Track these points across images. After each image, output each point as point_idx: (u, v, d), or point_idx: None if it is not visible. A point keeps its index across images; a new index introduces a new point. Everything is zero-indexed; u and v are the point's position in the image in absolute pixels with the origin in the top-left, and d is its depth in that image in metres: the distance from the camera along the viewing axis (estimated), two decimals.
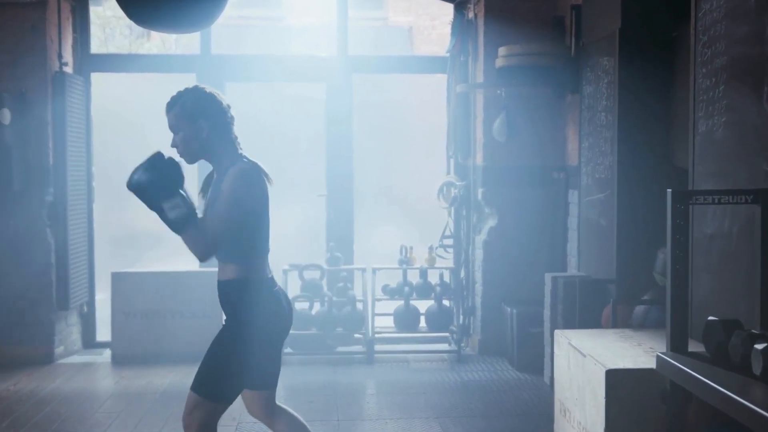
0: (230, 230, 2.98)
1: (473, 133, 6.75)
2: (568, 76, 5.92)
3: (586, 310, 5.04)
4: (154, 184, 2.89)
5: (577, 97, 5.93)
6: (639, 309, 4.56)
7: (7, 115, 5.98)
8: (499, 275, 6.53)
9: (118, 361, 6.35)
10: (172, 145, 3.10)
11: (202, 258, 3.02)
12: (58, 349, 6.41)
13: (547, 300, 5.58)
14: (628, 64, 5.02)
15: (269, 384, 3.24)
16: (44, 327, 6.31)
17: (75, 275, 6.51)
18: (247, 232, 3.05)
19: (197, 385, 3.09)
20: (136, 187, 2.91)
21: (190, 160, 3.12)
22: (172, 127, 3.10)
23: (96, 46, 8.49)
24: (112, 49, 9.40)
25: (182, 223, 2.92)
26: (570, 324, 5.15)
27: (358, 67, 7.04)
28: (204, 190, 3.23)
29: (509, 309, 6.22)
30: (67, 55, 6.54)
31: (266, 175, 3.14)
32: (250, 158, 3.16)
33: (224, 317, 3.18)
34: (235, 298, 3.08)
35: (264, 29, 12.89)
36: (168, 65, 7.06)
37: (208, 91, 3.11)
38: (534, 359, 5.89)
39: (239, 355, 3.07)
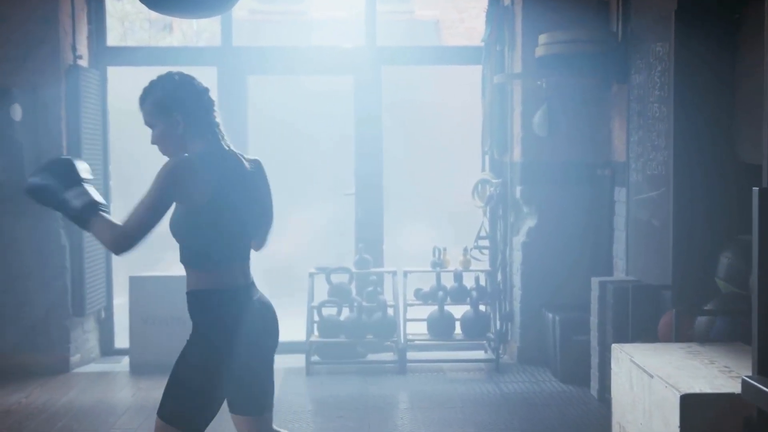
0: (150, 221, 2.62)
1: (510, 128, 6.34)
2: (615, 64, 5.51)
3: (640, 319, 4.62)
4: (54, 178, 2.66)
5: (624, 88, 5.51)
6: (701, 319, 4.14)
7: (18, 111, 5.67)
8: (539, 279, 6.13)
9: (136, 370, 6.02)
10: (152, 142, 2.82)
11: (115, 249, 2.64)
12: (74, 358, 6.09)
13: (594, 306, 5.17)
14: (685, 50, 4.57)
15: (256, 409, 2.87)
16: (59, 334, 6.00)
17: (91, 279, 6.19)
18: (202, 234, 2.70)
19: (160, 408, 2.77)
20: (34, 187, 2.67)
21: (170, 156, 2.78)
22: (147, 123, 2.81)
23: (114, 41, 8.19)
24: (131, 44, 9.07)
25: (90, 209, 2.63)
26: (621, 334, 4.73)
27: (387, 59, 6.66)
28: None
29: (551, 315, 5.82)
30: (82, 48, 6.21)
31: (230, 169, 2.75)
32: (229, 148, 2.81)
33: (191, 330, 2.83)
34: (196, 310, 2.74)
35: (286, 24, 12.58)
36: (188, 58, 6.72)
37: (178, 78, 2.79)
38: (579, 369, 5.48)
39: (201, 374, 2.71)
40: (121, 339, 6.57)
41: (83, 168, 2.76)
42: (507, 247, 6.43)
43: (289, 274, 8.10)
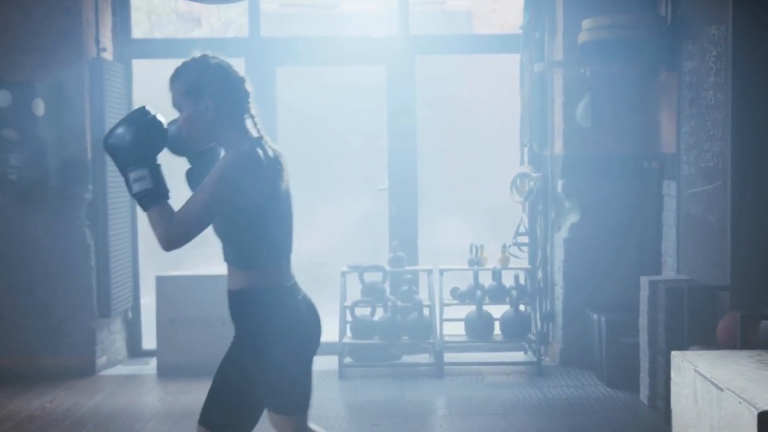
0: (205, 218, 2.48)
1: (551, 119, 6.04)
2: (663, 50, 5.19)
3: (696, 322, 4.31)
4: (126, 145, 2.48)
5: (674, 75, 5.19)
6: (766, 323, 3.82)
7: (40, 106, 5.48)
8: (583, 277, 5.83)
9: (163, 373, 5.82)
10: (178, 126, 2.65)
11: (165, 246, 2.49)
12: (101, 360, 5.91)
13: (644, 307, 4.87)
14: (743, 33, 4.28)
15: (296, 409, 2.73)
16: (85, 336, 5.81)
17: (117, 279, 6.00)
18: (253, 232, 2.55)
19: (204, 416, 2.62)
20: (109, 148, 2.51)
21: (197, 145, 2.65)
22: (174, 105, 2.64)
23: (141, 35, 8.00)
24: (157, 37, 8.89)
25: (145, 198, 2.48)
26: (675, 337, 4.43)
27: (421, 48, 6.38)
28: (192, 186, 2.73)
29: (595, 315, 5.52)
30: (106, 41, 6.01)
31: (279, 165, 2.61)
32: (267, 143, 2.63)
33: (234, 332, 2.69)
34: (244, 311, 2.61)
35: (316, 17, 12.38)
36: (215, 50, 6.32)
37: (215, 62, 2.65)
38: (627, 373, 5.19)
39: (250, 378, 2.59)
40: (149, 339, 6.38)
41: (163, 129, 2.55)
42: (548, 243, 6.14)
43: (320, 272, 7.87)
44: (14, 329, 5.75)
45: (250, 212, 2.53)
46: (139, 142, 2.49)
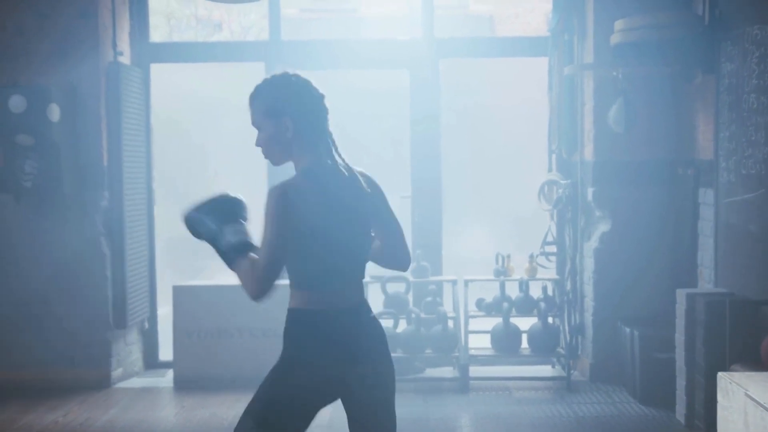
0: (273, 257, 2.46)
1: (581, 124, 5.83)
2: (700, 51, 4.97)
3: (738, 339, 4.08)
4: (215, 213, 2.56)
5: (711, 78, 4.96)
6: None
7: (55, 111, 5.33)
8: (614, 289, 5.60)
9: (180, 386, 5.65)
10: (257, 144, 2.64)
11: (254, 296, 2.47)
12: (116, 372, 5.75)
13: (680, 322, 4.64)
14: None
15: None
16: (100, 348, 5.66)
17: (134, 289, 5.84)
18: (306, 257, 2.52)
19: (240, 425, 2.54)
20: (192, 219, 2.58)
21: (275, 162, 2.65)
22: (254, 124, 2.63)
23: (160, 39, 7.87)
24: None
25: (243, 247, 2.52)
26: (715, 354, 4.20)
27: (445, 52, 6.19)
28: None
29: (628, 329, 5.29)
30: (123, 44, 5.87)
31: (333, 187, 2.54)
32: (342, 161, 2.59)
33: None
34: (285, 328, 2.60)
35: (337, 21, 12.24)
36: (235, 54, 6.35)
37: (294, 80, 2.61)
38: (661, 390, 4.95)
39: (285, 400, 2.52)
40: (166, 351, 6.22)
41: (244, 204, 2.64)
42: (577, 253, 5.92)
43: None
44: (27, 340, 5.61)
45: (296, 239, 2.49)
46: (225, 209, 2.58)
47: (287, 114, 2.54)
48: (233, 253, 2.51)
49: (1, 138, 5.34)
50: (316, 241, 2.49)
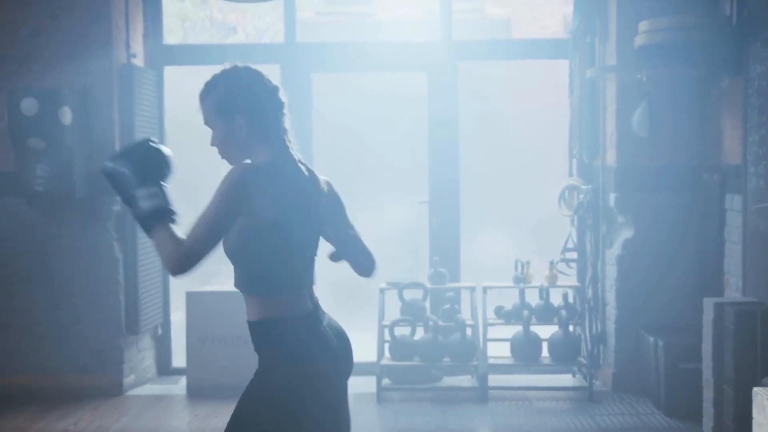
0: (210, 238, 2.26)
1: (602, 128, 5.70)
2: (728, 53, 4.82)
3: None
4: (134, 166, 2.32)
5: (739, 80, 4.82)
6: None
7: (67, 114, 5.25)
8: (637, 296, 5.46)
9: (193, 394, 5.55)
10: (212, 144, 2.46)
11: (173, 270, 2.26)
12: (128, 379, 5.65)
13: (708, 332, 4.49)
14: None
15: None
16: (112, 354, 5.57)
17: (146, 294, 5.75)
18: (265, 255, 2.32)
19: None
20: (109, 171, 2.33)
21: (232, 163, 2.40)
22: (206, 123, 2.45)
23: (174, 41, 7.79)
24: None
25: (158, 215, 2.28)
26: (746, 366, 4.06)
27: (464, 54, 6.08)
28: None
29: (652, 339, 5.15)
30: (137, 46, 5.79)
31: (304, 182, 2.39)
32: (298, 159, 2.43)
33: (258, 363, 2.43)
34: (263, 343, 2.38)
35: (353, 25, 12.16)
36: (250, 56, 6.13)
37: (244, 74, 2.42)
38: (687, 402, 4.81)
39: (271, 417, 2.33)
40: (179, 357, 6.12)
41: (167, 160, 2.40)
42: (598, 260, 5.78)
43: (357, 288, 7.58)
44: (39, 346, 5.53)
45: (258, 233, 2.30)
46: (146, 165, 2.33)
47: (239, 111, 2.37)
48: (150, 220, 2.29)
49: (12, 141, 5.26)
50: (277, 236, 2.31)
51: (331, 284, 7.81)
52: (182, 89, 6.44)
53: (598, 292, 5.78)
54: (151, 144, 2.38)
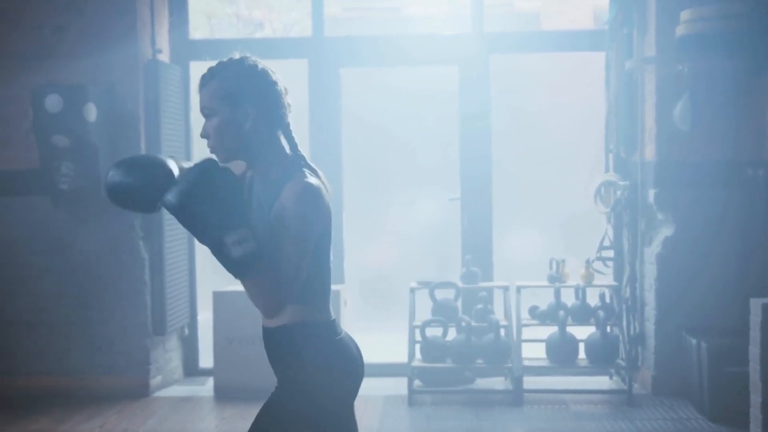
0: (302, 270, 2.14)
1: (641, 122, 5.50)
2: None
3: None
4: (213, 206, 2.02)
5: None
6: None
7: (92, 111, 5.16)
8: (678, 296, 5.27)
9: (221, 395, 5.44)
10: (202, 135, 2.24)
11: (269, 311, 2.11)
12: (155, 380, 5.56)
13: (755, 334, 4.29)
14: None
15: None
16: (138, 355, 5.47)
17: (173, 294, 5.65)
18: (312, 263, 2.19)
19: None
20: (178, 208, 2.05)
21: (223, 158, 2.21)
22: (203, 110, 2.22)
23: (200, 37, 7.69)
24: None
25: (250, 263, 2.05)
26: None
27: (497, 47, 5.91)
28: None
29: (694, 340, 4.95)
30: (162, 42, 5.69)
31: (326, 188, 2.25)
32: (309, 164, 2.27)
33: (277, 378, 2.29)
34: (292, 350, 2.21)
35: (380, 20, 12.01)
36: (276, 51, 6.11)
37: (260, 66, 2.27)
38: (733, 406, 4.61)
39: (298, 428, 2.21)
40: (206, 358, 6.02)
41: (240, 185, 2.15)
42: (636, 259, 5.59)
43: (386, 287, 7.45)
44: (64, 347, 5.45)
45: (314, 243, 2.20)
46: (230, 199, 2.06)
47: (249, 100, 2.19)
48: (240, 269, 2.06)
49: (37, 139, 5.18)
50: (323, 245, 2.23)
51: (361, 282, 7.70)
52: None
53: (636, 292, 5.59)
54: (221, 168, 2.09)
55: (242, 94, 2.19)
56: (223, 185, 2.06)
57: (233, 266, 2.06)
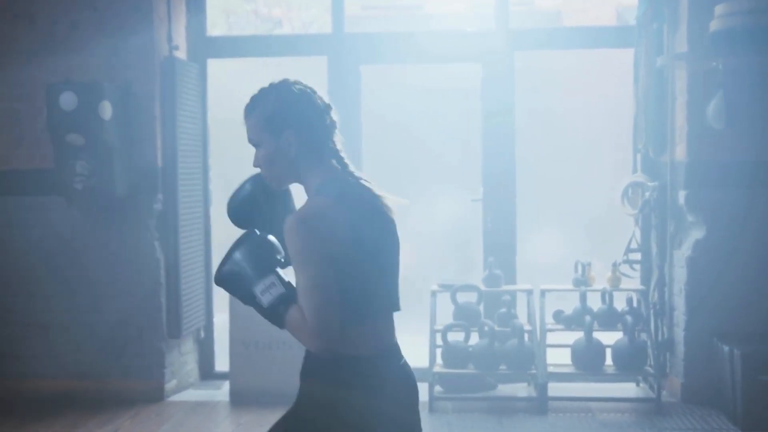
0: (322, 303, 2.05)
1: (671, 120, 5.32)
2: None
3: None
4: (247, 262, 2.15)
5: None
6: None
7: (107, 109, 5.05)
8: (709, 302, 5.09)
9: (237, 400, 5.32)
10: (255, 164, 2.27)
11: (318, 350, 2.06)
12: (170, 384, 5.44)
13: None
14: None
15: None
16: (153, 358, 5.36)
17: (189, 296, 5.53)
18: (345, 284, 2.10)
19: None
20: (226, 278, 2.21)
21: (276, 185, 2.28)
22: (250, 141, 2.26)
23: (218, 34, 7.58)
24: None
25: (281, 306, 2.10)
26: None
27: (522, 44, 5.75)
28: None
29: (726, 348, 4.78)
30: (179, 38, 5.57)
31: (367, 204, 2.17)
32: (353, 179, 2.19)
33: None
34: (320, 378, 2.16)
35: (401, 18, 11.87)
36: (296, 48, 5.99)
37: (297, 88, 2.23)
38: (767, 416, 4.43)
39: None
40: (223, 361, 5.90)
41: (274, 244, 2.23)
42: (665, 262, 5.41)
43: (406, 289, 7.31)
44: (77, 350, 5.34)
45: (333, 265, 2.10)
46: (255, 256, 2.15)
47: (289, 126, 2.18)
48: (273, 316, 2.13)
49: (51, 137, 5.08)
50: (356, 264, 2.11)
51: None
52: (226, 84, 6.23)
53: (665, 296, 5.41)
54: (255, 234, 2.21)
55: (282, 122, 2.18)
56: (249, 242, 2.17)
57: (267, 316, 2.11)
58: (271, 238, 2.22)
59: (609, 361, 5.25)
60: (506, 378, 5.38)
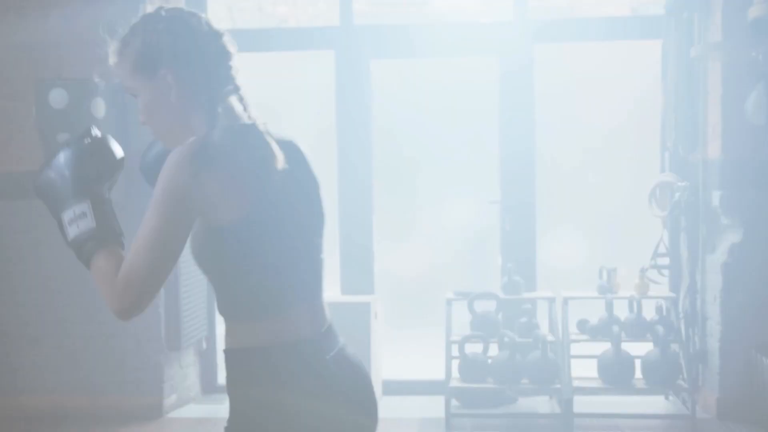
0: (159, 260, 1.62)
1: (703, 116, 4.97)
2: None
3: None
4: (60, 179, 1.71)
5: None
6: None
7: (101, 106, 4.74)
8: (746, 310, 4.74)
9: None
10: (142, 122, 1.80)
11: (119, 313, 1.63)
12: (169, 399, 5.12)
13: None
14: None
15: None
16: (151, 372, 5.04)
17: (189, 305, 5.21)
18: (235, 267, 1.67)
19: None
20: (41, 186, 1.76)
21: (169, 142, 1.74)
22: (127, 90, 1.79)
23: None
24: None
25: (86, 245, 1.68)
26: None
27: (541, 36, 5.42)
28: None
29: (766, 360, 4.43)
30: None
31: (268, 153, 1.68)
32: (261, 128, 1.72)
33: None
34: (231, 379, 1.74)
35: (409, 15, 11.57)
36: (301, 41, 5.67)
37: (166, 14, 1.75)
38: None
39: None
40: None
41: (109, 156, 1.78)
42: (696, 268, 5.06)
43: (419, 297, 6.99)
44: (71, 363, 5.04)
45: (226, 235, 1.64)
46: (78, 168, 1.71)
47: (162, 63, 1.73)
48: (78, 255, 1.72)
49: (41, 137, 4.76)
50: (257, 236, 1.65)
51: (391, 291, 7.25)
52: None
53: (696, 304, 5.06)
54: (91, 135, 1.77)
55: (156, 58, 1.73)
56: (82, 153, 1.73)
57: (72, 249, 1.69)
58: (117, 150, 1.79)
59: (638, 374, 4.90)
60: (528, 392, 5.04)
